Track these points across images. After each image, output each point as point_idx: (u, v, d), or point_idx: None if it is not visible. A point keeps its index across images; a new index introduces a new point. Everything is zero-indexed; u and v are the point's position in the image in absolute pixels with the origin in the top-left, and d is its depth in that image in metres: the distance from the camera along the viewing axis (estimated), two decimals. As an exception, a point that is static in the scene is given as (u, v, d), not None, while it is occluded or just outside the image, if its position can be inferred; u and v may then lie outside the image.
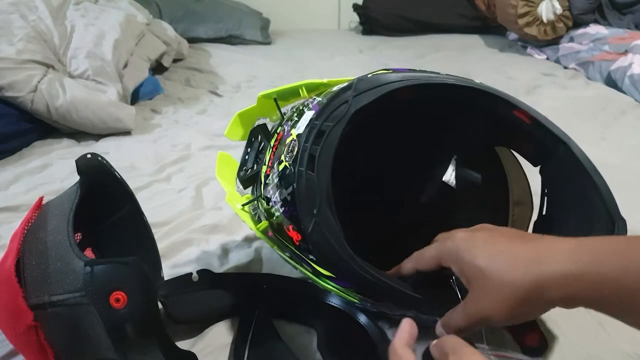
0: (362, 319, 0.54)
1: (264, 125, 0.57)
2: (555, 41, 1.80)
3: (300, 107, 0.50)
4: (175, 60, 1.65)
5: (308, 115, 0.46)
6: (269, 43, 2.08)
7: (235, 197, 0.54)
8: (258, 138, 0.55)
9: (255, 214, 0.53)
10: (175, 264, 0.68)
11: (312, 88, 0.53)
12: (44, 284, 0.39)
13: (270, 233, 0.49)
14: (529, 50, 1.90)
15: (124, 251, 0.57)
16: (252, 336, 0.53)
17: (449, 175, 0.65)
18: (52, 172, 0.95)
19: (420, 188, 0.67)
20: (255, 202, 0.52)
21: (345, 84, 0.47)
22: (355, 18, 2.39)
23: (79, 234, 0.55)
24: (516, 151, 0.55)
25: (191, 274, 0.58)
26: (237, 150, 1.04)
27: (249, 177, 0.54)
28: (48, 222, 0.44)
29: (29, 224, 0.45)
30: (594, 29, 1.70)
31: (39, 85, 1.07)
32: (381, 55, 1.90)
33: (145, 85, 1.34)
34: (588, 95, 1.38)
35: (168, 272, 0.61)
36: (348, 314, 0.55)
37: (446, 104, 0.51)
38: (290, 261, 0.49)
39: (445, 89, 0.47)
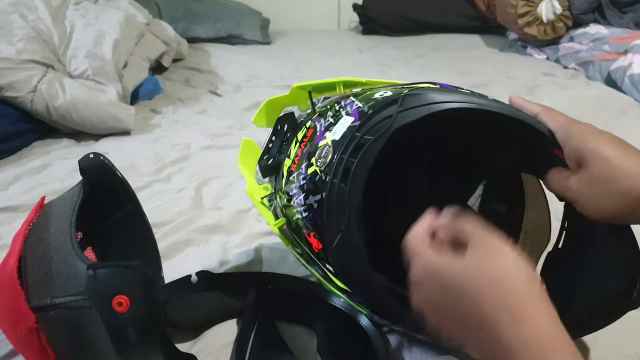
0: (364, 321, 0.54)
1: (292, 114, 0.54)
2: (555, 41, 1.80)
3: (337, 108, 0.47)
4: (175, 60, 1.65)
5: (346, 121, 0.43)
6: (268, 43, 2.07)
7: (256, 189, 0.52)
8: (284, 127, 0.53)
9: (271, 205, 0.51)
10: (175, 264, 0.68)
11: (349, 85, 0.52)
12: (46, 286, 0.39)
13: (284, 228, 0.48)
14: (529, 50, 1.89)
15: (125, 251, 0.57)
16: (254, 338, 0.53)
17: (474, 200, 0.62)
18: (51, 172, 0.95)
19: (441, 203, 0.64)
20: (274, 195, 0.50)
21: (389, 93, 0.44)
22: (355, 18, 2.39)
23: (79, 233, 0.55)
24: (544, 183, 0.51)
25: (190, 276, 0.57)
26: (237, 150, 1.05)
27: (270, 167, 0.52)
28: (50, 223, 0.44)
29: (31, 225, 0.45)
30: (594, 29, 1.70)
31: (38, 85, 1.07)
32: (381, 55, 1.90)
33: (145, 85, 1.34)
34: (588, 95, 1.38)
35: (167, 272, 0.61)
36: (349, 315, 0.55)
37: (487, 127, 0.49)
38: (301, 259, 0.49)
39: (493, 117, 0.43)
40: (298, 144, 0.48)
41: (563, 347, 0.29)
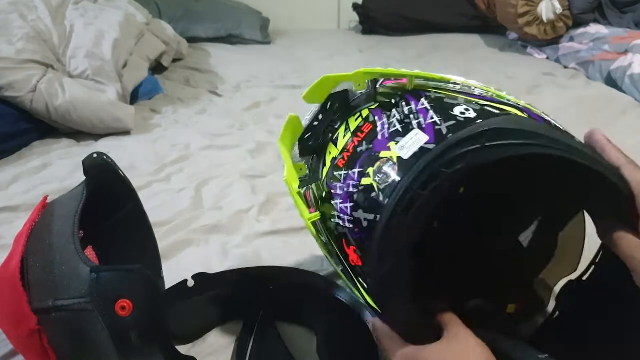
0: (368, 316, 0.54)
1: (346, 92, 0.48)
2: (555, 41, 1.80)
3: (405, 109, 0.41)
4: (174, 60, 1.65)
5: (419, 138, 0.37)
6: (268, 43, 2.07)
7: (294, 176, 0.47)
8: (335, 106, 0.47)
9: (303, 188, 0.47)
10: (174, 264, 0.68)
11: (419, 78, 0.46)
12: (48, 287, 0.39)
13: (318, 221, 0.44)
14: (529, 49, 1.89)
15: (125, 250, 0.57)
16: (254, 339, 0.53)
17: (526, 237, 0.56)
18: (51, 172, 0.95)
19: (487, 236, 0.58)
20: (309, 178, 0.47)
21: (472, 113, 0.38)
22: (355, 18, 2.38)
23: (81, 232, 0.55)
24: (593, 219, 0.46)
25: (186, 280, 0.56)
26: (237, 150, 1.05)
27: (311, 148, 0.47)
28: (53, 223, 0.43)
29: (34, 225, 0.44)
30: (594, 29, 1.69)
31: (38, 85, 1.07)
32: (381, 55, 1.90)
33: (145, 85, 1.34)
34: (588, 95, 1.38)
35: (167, 272, 0.61)
36: (352, 309, 0.55)
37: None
38: (328, 256, 0.46)
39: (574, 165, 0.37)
40: (351, 135, 0.43)
41: None
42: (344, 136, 0.44)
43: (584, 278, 0.49)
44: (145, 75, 1.35)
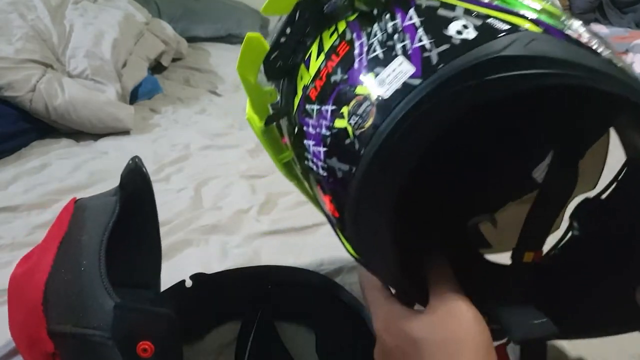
0: (367, 316, 0.53)
1: (319, 3, 0.38)
2: (555, 40, 1.79)
3: (388, 24, 0.33)
4: (174, 60, 1.65)
5: (403, 69, 0.30)
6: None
7: (258, 111, 0.41)
8: (305, 16, 0.38)
9: (276, 119, 0.41)
10: (174, 264, 0.68)
11: None
12: (69, 310, 0.38)
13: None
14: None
15: (131, 249, 0.55)
16: (253, 338, 0.53)
17: (541, 172, 0.48)
18: (51, 172, 0.95)
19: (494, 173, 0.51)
20: (280, 107, 0.40)
21: (472, 32, 0.29)
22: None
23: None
24: (620, 136, 0.40)
25: (184, 281, 0.56)
26: (236, 150, 1.05)
27: (279, 70, 0.39)
28: (83, 238, 0.42)
29: (64, 236, 0.43)
30: (595, 28, 1.69)
31: (37, 85, 1.07)
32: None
33: (144, 84, 1.33)
34: (588, 95, 1.38)
35: (167, 272, 0.61)
36: (352, 308, 0.54)
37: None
38: (305, 196, 0.41)
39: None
40: (324, 57, 0.36)
41: None
42: (317, 58, 0.36)
43: (603, 197, 0.44)
44: (144, 75, 1.35)
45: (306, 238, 0.76)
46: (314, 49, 0.37)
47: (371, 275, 0.37)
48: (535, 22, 0.30)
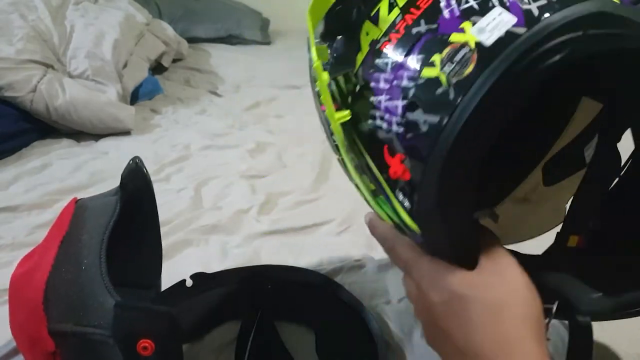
0: (366, 315, 0.53)
1: None
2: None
3: None
4: (174, 60, 1.65)
5: (503, 19, 0.29)
6: (268, 43, 2.07)
7: (321, 67, 0.38)
8: None
9: (330, 81, 0.38)
10: (174, 264, 0.68)
11: None
12: (70, 308, 0.38)
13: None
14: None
15: (132, 249, 0.55)
16: (253, 338, 0.53)
17: (590, 150, 0.48)
18: (51, 172, 0.95)
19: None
20: (335, 66, 0.37)
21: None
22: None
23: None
24: None
25: (184, 280, 0.56)
26: (237, 150, 1.05)
27: (341, 26, 0.38)
28: (83, 237, 0.42)
29: (65, 235, 0.43)
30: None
31: (38, 85, 1.07)
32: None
33: (145, 85, 1.34)
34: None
35: (167, 272, 0.61)
36: (354, 310, 0.54)
37: None
38: (350, 168, 0.38)
39: None
40: (400, 11, 0.34)
41: None
42: (390, 12, 0.35)
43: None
44: (145, 76, 1.35)
45: (306, 238, 0.76)
46: (383, 4, 0.35)
47: (400, 235, 0.35)
48: None
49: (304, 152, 1.04)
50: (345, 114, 0.35)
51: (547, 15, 0.28)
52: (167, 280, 0.58)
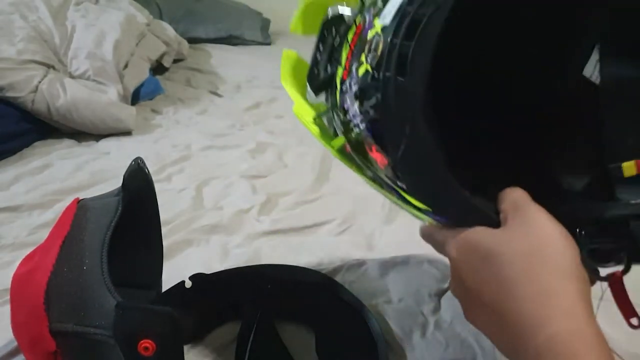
0: (367, 314, 0.53)
1: (340, 16, 0.43)
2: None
3: None
4: (175, 61, 1.65)
5: (396, 2, 0.34)
6: (269, 43, 2.07)
7: (304, 108, 0.44)
8: (332, 32, 0.43)
9: (331, 127, 0.44)
10: (175, 264, 0.68)
11: None
12: (71, 308, 0.38)
13: (348, 149, 0.40)
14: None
15: (133, 248, 0.56)
16: (253, 339, 0.53)
17: (592, 68, 0.44)
18: (52, 172, 0.95)
19: (545, 89, 0.48)
20: (331, 113, 0.42)
21: None
22: (355, 18, 2.38)
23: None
24: None
25: (184, 282, 0.56)
26: (237, 150, 1.05)
27: (321, 82, 0.43)
28: (85, 237, 0.42)
29: (66, 235, 0.43)
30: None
31: (39, 86, 1.07)
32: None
33: (146, 85, 1.34)
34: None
35: (167, 272, 0.61)
36: (354, 310, 0.54)
37: None
38: (374, 185, 0.41)
39: None
40: (348, 46, 0.39)
41: (587, 351, 0.25)
42: (345, 52, 0.40)
43: None
44: (146, 76, 1.35)
45: (306, 238, 0.76)
46: (344, 48, 0.41)
47: (436, 228, 0.36)
48: None
49: (305, 152, 1.04)
50: (339, 140, 0.40)
51: None
52: (168, 279, 0.58)
